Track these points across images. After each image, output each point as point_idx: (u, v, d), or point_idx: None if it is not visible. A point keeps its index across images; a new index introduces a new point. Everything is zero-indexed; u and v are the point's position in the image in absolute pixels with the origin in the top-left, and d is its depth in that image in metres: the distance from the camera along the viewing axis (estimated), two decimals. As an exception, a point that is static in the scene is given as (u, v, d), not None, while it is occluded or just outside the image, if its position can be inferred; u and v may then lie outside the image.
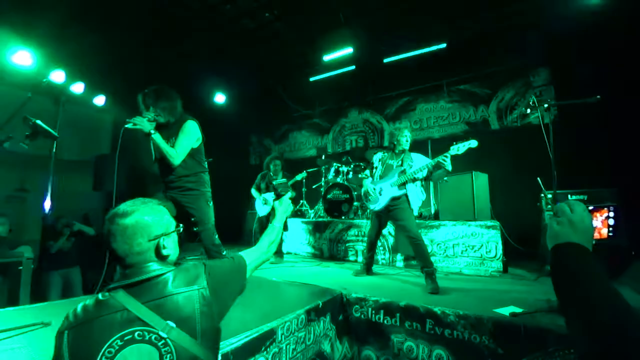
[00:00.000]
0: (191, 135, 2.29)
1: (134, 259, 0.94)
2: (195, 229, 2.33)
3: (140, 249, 0.95)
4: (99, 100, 5.43)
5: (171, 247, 1.04)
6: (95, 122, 6.03)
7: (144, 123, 2.13)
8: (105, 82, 5.35)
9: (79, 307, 0.88)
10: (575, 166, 3.93)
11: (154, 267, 0.96)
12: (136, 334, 0.83)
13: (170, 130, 2.27)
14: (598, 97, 2.17)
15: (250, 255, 1.23)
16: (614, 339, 0.51)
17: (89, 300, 0.90)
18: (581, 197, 3.53)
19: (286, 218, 1.51)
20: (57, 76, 4.74)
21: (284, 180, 4.53)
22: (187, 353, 0.86)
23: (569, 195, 3.54)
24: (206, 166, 2.49)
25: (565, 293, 0.62)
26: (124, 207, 0.98)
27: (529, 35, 4.73)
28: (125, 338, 0.82)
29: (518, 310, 2.16)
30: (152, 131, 2.15)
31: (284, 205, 1.51)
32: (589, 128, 4.27)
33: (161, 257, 1.00)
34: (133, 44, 4.92)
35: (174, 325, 0.87)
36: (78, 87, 5.12)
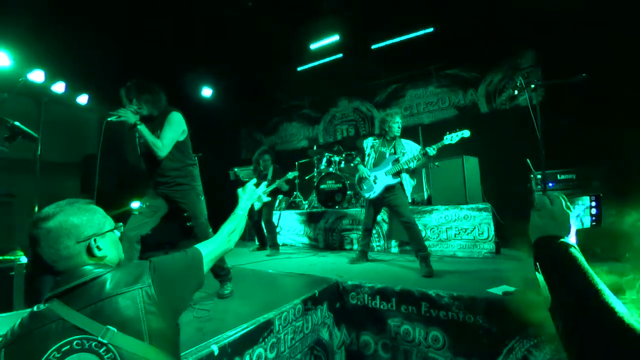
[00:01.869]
0: (176, 126, 2.23)
1: (63, 264, 0.88)
2: (188, 224, 2.31)
3: (69, 253, 0.89)
4: (82, 99, 5.29)
5: (108, 248, 0.98)
6: (80, 121, 5.88)
7: (128, 114, 2.06)
8: (87, 80, 5.21)
9: (17, 323, 0.84)
10: (564, 146, 3.97)
11: (88, 270, 0.90)
12: (74, 343, 0.79)
13: (154, 123, 2.21)
14: (584, 75, 2.18)
15: (207, 247, 1.18)
16: (597, 326, 0.52)
17: (26, 313, 0.86)
18: (570, 176, 3.59)
19: (252, 205, 1.47)
20: (37, 76, 4.59)
21: (249, 168, 4.48)
22: (134, 357, 0.82)
23: (558, 175, 3.60)
24: (195, 160, 2.44)
25: (547, 283, 0.64)
26: (47, 209, 0.91)
27: (516, 18, 4.71)
28: (63, 349, 0.78)
29: (510, 289, 2.21)
30: (138, 122, 2.09)
31: (248, 193, 1.45)
32: (577, 107, 4.30)
33: (96, 259, 0.94)
34: (113, 40, 4.77)
35: (114, 329, 0.82)
36: (59, 87, 4.98)
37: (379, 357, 2.44)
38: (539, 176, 2.97)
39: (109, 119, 2.01)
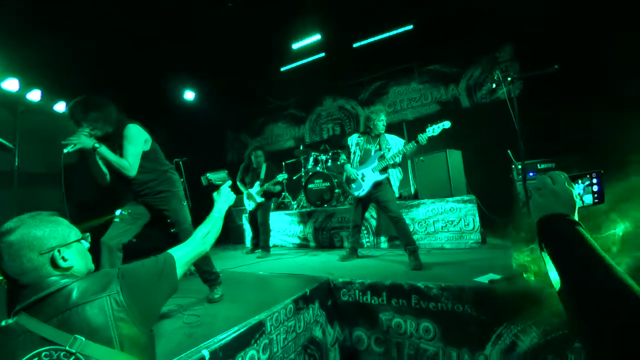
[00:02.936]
0: (137, 139, 2.07)
1: (28, 277, 0.88)
2: (172, 230, 2.26)
3: (33, 265, 0.89)
4: (60, 106, 5.15)
5: (74, 258, 0.97)
6: (58, 130, 5.72)
7: (82, 140, 1.88)
8: (64, 87, 5.06)
9: None
10: (543, 136, 4.10)
11: (54, 281, 0.89)
12: (42, 354, 0.79)
13: (112, 141, 2.03)
14: (556, 66, 2.25)
15: (180, 250, 1.18)
16: (609, 303, 0.51)
17: None
18: (549, 165, 3.71)
19: (229, 207, 1.45)
20: (10, 84, 4.46)
21: (224, 172, 4.43)
22: None
23: (538, 164, 3.71)
24: (170, 164, 2.35)
25: (555, 263, 0.62)
26: (8, 223, 0.91)
27: (493, 12, 4.82)
28: None
29: (496, 277, 2.27)
30: (97, 145, 1.92)
31: (223, 195, 1.45)
32: (553, 99, 4.44)
33: (62, 270, 0.94)
34: (89, 45, 4.65)
35: (82, 338, 0.82)
36: (35, 95, 4.84)
37: (372, 352, 2.47)
38: (520, 167, 3.06)
39: (65, 150, 1.86)
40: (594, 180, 0.83)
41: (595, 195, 0.82)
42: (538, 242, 0.68)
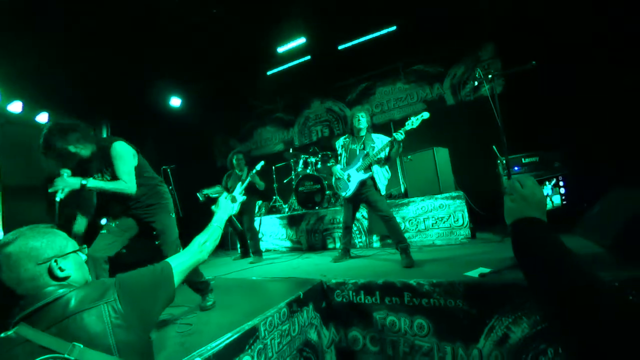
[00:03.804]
0: (127, 156, 2.04)
1: (25, 287, 0.89)
2: (157, 242, 2.22)
3: (30, 275, 0.90)
4: (42, 117, 5.04)
5: (71, 269, 0.99)
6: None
7: (68, 182, 1.86)
8: (46, 97, 4.96)
9: None
10: (526, 131, 4.19)
11: (51, 291, 0.91)
12: None
13: (95, 162, 2.00)
14: (533, 62, 2.31)
15: (178, 259, 1.20)
16: (578, 302, 0.52)
17: None
18: (533, 159, 3.79)
19: (230, 216, 1.47)
20: (-10, 97, 4.35)
21: (217, 187, 4.43)
22: None
23: (522, 159, 3.79)
24: (157, 176, 2.32)
25: (526, 265, 0.64)
26: (7, 235, 0.94)
27: (474, 11, 4.92)
28: None
29: (486, 270, 2.30)
30: (84, 181, 1.89)
31: (222, 206, 1.47)
32: (535, 94, 4.55)
33: (59, 280, 0.95)
34: (70, 54, 4.57)
35: (81, 345, 0.83)
36: (16, 107, 4.74)
37: (368, 351, 2.47)
38: (505, 161, 3.13)
39: (57, 199, 1.82)
40: (561, 183, 0.85)
41: (563, 197, 0.84)
42: (512, 245, 0.69)
